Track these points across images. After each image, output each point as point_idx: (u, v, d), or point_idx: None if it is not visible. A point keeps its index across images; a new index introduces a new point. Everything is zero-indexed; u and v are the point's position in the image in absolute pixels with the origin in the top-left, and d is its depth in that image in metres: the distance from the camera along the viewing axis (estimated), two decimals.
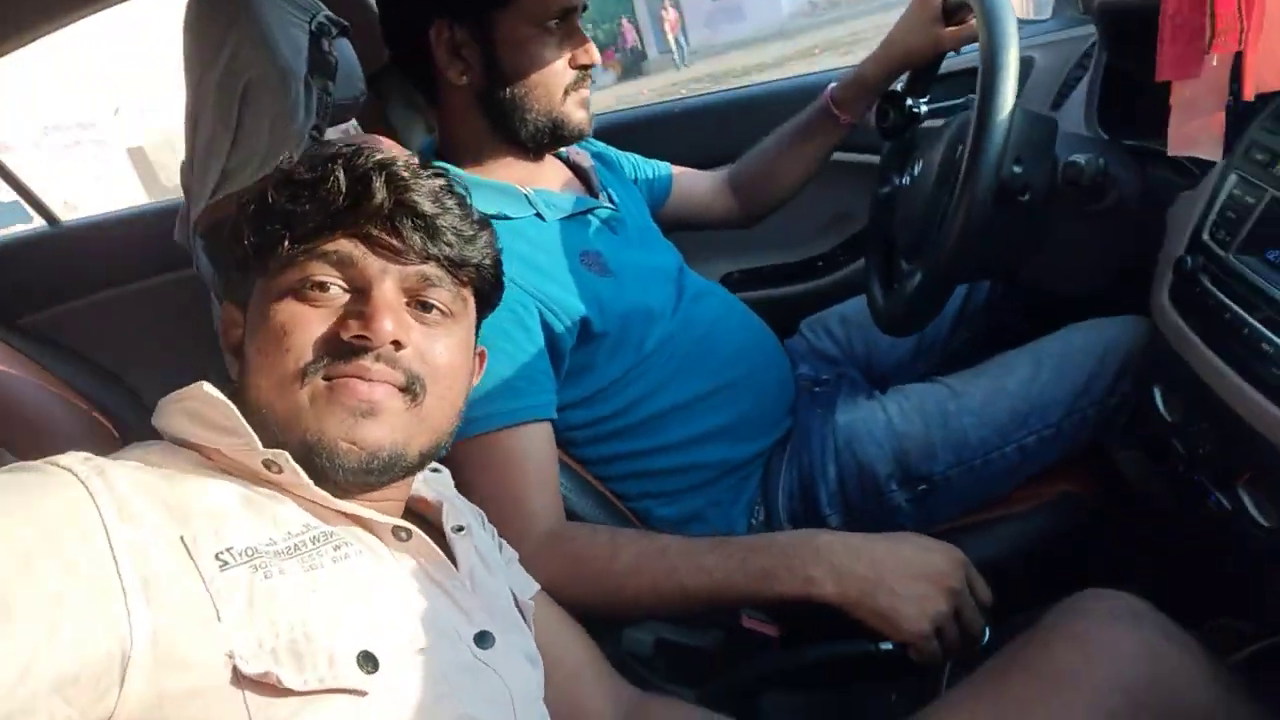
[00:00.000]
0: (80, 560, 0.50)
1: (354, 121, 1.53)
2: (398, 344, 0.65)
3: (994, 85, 0.87)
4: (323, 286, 0.65)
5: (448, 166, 1.03)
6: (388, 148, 0.67)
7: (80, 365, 1.75)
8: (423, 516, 0.76)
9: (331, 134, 1.25)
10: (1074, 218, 0.98)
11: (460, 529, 0.74)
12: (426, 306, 0.69)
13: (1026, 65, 1.36)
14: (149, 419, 0.67)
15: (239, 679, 0.52)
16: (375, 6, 1.11)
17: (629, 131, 1.38)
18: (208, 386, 0.64)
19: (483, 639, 0.67)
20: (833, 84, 1.24)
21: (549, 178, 1.13)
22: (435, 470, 0.82)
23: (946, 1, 1.07)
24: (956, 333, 1.26)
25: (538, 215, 1.05)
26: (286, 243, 0.66)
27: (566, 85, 1.04)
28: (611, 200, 1.17)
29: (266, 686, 0.53)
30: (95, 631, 0.49)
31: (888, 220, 1.18)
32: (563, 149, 1.20)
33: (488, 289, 0.75)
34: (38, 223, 1.85)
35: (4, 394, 1.54)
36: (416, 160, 0.70)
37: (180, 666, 0.51)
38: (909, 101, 1.18)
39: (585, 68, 1.05)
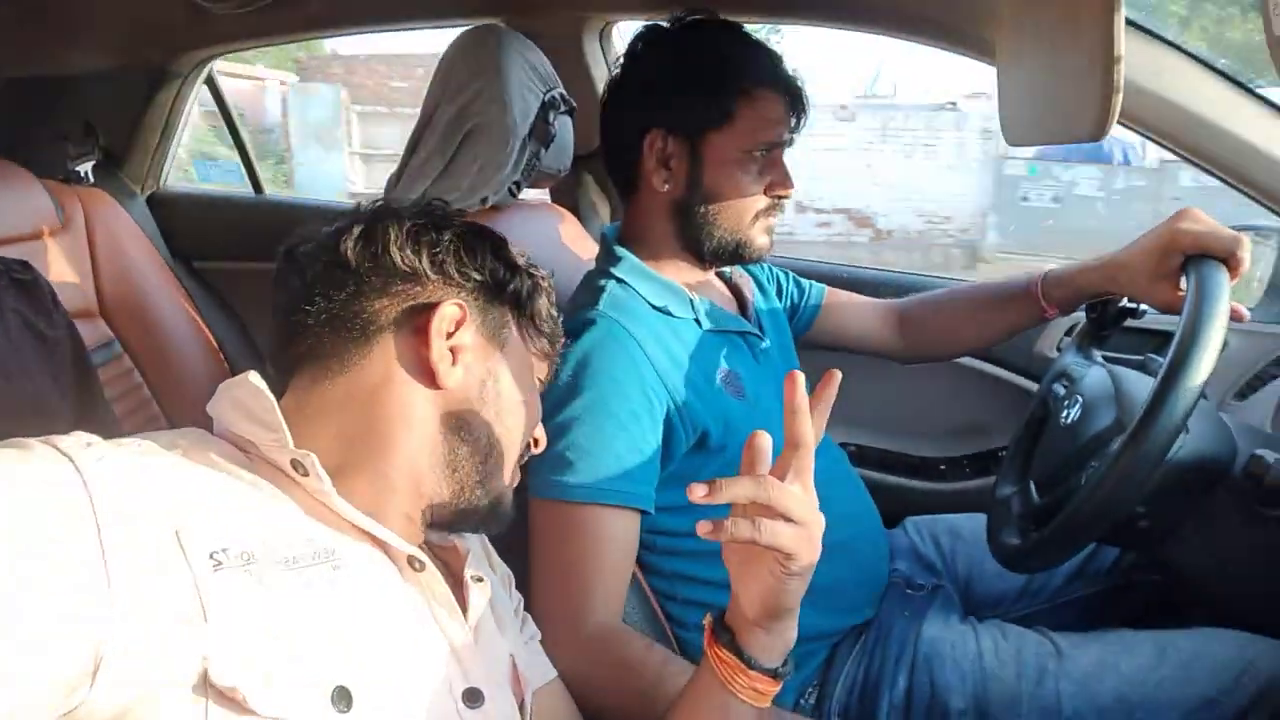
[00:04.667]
0: (67, 560, 0.48)
1: (547, 191, 1.62)
2: None
3: (1184, 366, 0.81)
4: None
5: (625, 253, 1.07)
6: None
7: (225, 319, 1.87)
8: (444, 562, 0.74)
9: (527, 194, 1.32)
10: (1242, 515, 0.91)
11: (479, 579, 0.71)
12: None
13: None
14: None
15: (206, 687, 0.50)
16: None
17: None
18: (254, 377, 0.64)
19: (473, 696, 0.63)
20: (1048, 272, 1.18)
21: (713, 291, 1.15)
22: None
23: (1186, 264, 0.98)
24: (1072, 584, 1.17)
25: (696, 321, 1.07)
26: (515, 328, 0.75)
27: (758, 211, 1.07)
28: (761, 329, 1.18)
29: (232, 702, 0.50)
30: (74, 638, 0.47)
31: (1031, 446, 1.13)
32: (727, 269, 1.22)
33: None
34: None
35: (157, 319, 1.66)
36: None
37: (152, 666, 0.49)
38: (1126, 300, 1.13)
39: (780, 198, 1.08)
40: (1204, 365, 0.82)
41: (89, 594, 0.48)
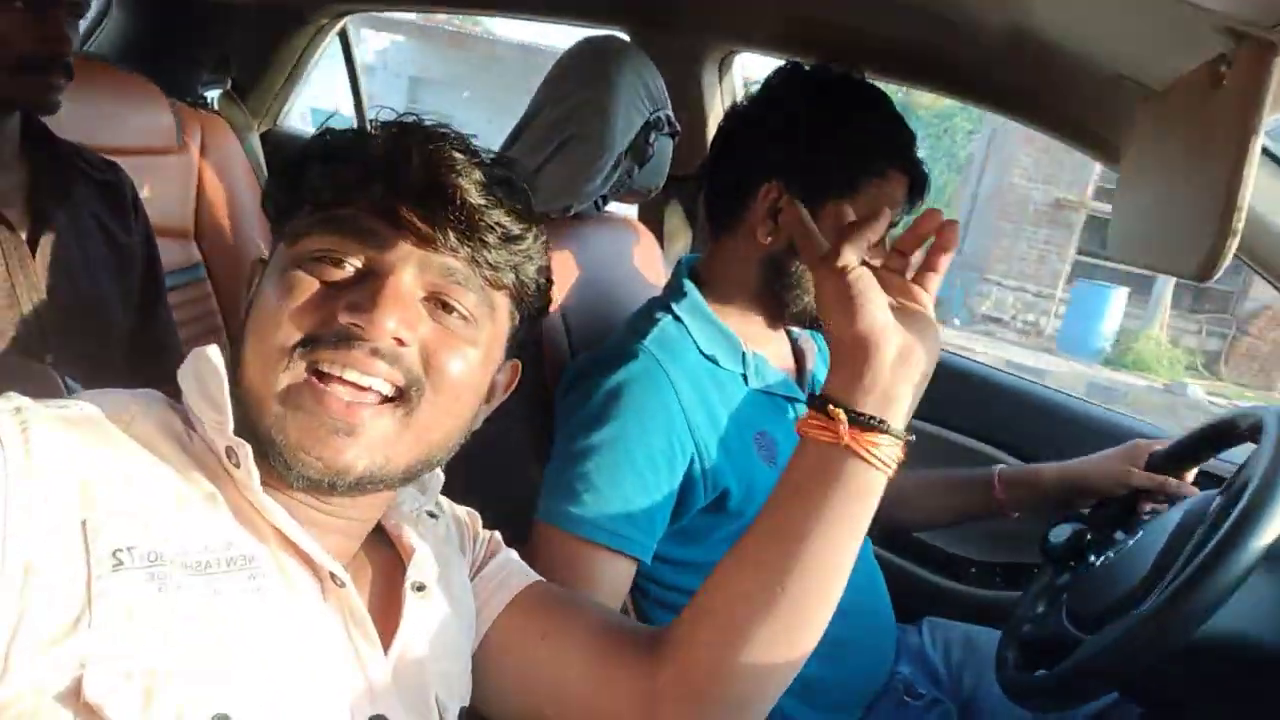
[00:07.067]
0: None
1: (636, 207, 1.62)
2: (400, 340, 0.57)
3: (1252, 520, 0.76)
4: (336, 262, 0.58)
5: (691, 289, 1.05)
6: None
7: None
8: (387, 565, 0.69)
9: (614, 206, 1.32)
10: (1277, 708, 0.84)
11: (421, 588, 0.66)
12: (448, 307, 0.61)
13: None
14: None
15: (74, 698, 0.47)
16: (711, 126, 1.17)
17: None
18: (212, 351, 0.59)
19: None
20: (1003, 467, 1.21)
21: (773, 350, 1.12)
22: (433, 515, 0.74)
23: (1155, 454, 1.04)
24: None
25: (744, 376, 1.04)
26: (308, 208, 0.60)
27: None
28: None
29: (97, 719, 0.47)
30: None
31: (1066, 572, 1.06)
32: (796, 330, 1.19)
33: (528, 299, 0.67)
34: None
35: (244, 251, 1.72)
36: (477, 144, 0.63)
37: (27, 665, 0.46)
38: (1090, 535, 1.06)
39: None
40: (1275, 522, 0.76)
41: None
